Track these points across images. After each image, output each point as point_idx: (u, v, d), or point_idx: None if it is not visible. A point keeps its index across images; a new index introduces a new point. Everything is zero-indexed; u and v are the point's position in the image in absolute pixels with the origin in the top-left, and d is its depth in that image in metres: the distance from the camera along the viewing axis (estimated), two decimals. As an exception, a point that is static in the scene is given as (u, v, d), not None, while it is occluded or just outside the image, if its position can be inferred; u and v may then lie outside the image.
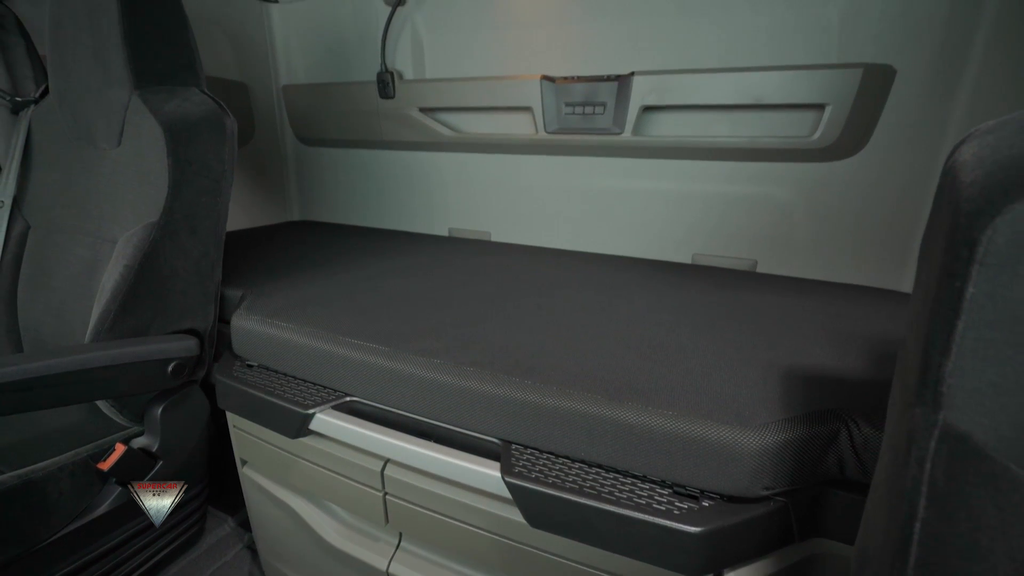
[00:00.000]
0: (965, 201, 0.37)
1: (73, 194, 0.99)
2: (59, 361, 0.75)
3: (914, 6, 1.01)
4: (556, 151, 1.42)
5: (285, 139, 1.89)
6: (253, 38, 1.71)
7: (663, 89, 1.21)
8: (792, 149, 1.16)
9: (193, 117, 0.91)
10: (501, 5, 1.39)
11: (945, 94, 1.03)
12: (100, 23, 0.89)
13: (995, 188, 0.35)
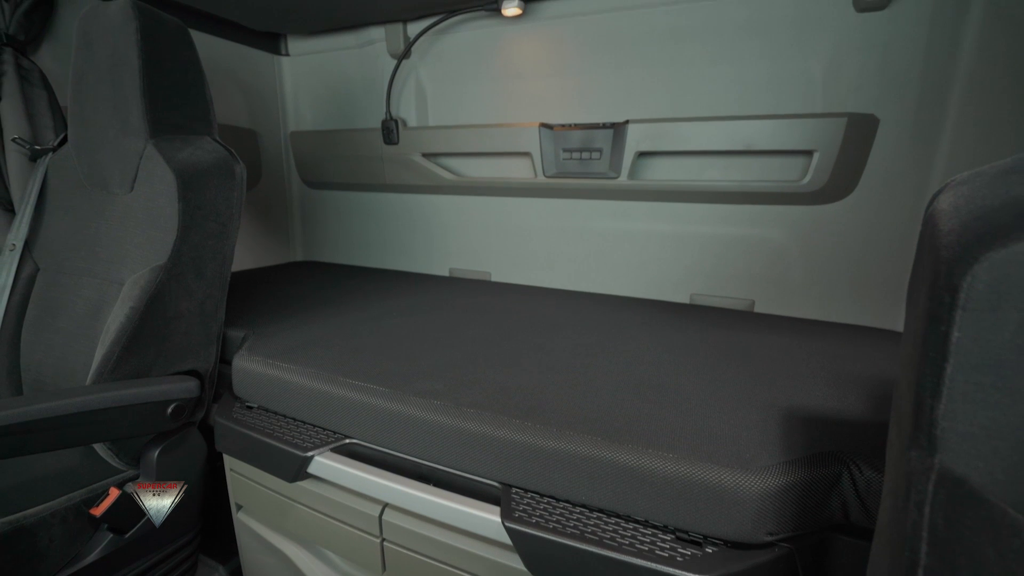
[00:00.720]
0: (944, 249, 0.38)
1: (83, 237, 1.01)
2: (60, 403, 0.75)
3: (891, 62, 1.07)
4: (555, 194, 1.47)
5: (291, 182, 1.94)
6: (264, 88, 1.80)
7: (657, 136, 1.26)
8: (784, 193, 1.20)
9: (204, 164, 0.94)
10: (501, 58, 1.46)
11: (927, 142, 1.08)
12: (122, 77, 0.94)
13: (971, 237, 0.37)
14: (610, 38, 1.31)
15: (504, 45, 1.45)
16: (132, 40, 0.91)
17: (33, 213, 1.06)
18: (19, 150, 1.09)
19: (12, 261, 1.03)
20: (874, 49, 1.07)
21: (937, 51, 1.03)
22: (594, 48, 1.34)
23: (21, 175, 1.10)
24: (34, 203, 1.06)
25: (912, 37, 1.04)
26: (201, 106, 1.02)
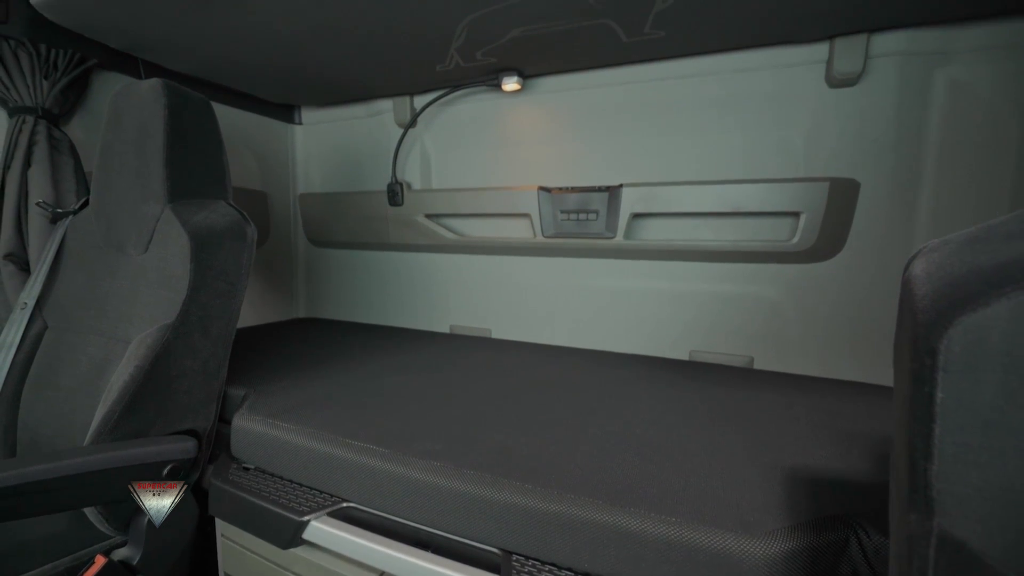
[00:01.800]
0: (921, 313, 0.41)
1: (94, 296, 1.04)
2: (56, 465, 0.74)
3: (866, 131, 1.14)
4: (553, 253, 1.51)
5: (297, 241, 2.00)
6: (277, 154, 1.89)
7: (650, 198, 1.32)
8: (775, 252, 1.24)
9: (218, 227, 0.99)
10: (501, 127, 1.56)
11: (908, 204, 1.13)
12: (146, 147, 1.00)
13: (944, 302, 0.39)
14: (603, 110, 1.41)
15: (504, 115, 1.54)
16: (160, 115, 0.98)
17: (48, 272, 1.09)
18: (42, 213, 1.14)
19: (22, 319, 1.05)
20: (849, 120, 1.15)
21: (907, 121, 1.11)
22: (588, 118, 1.43)
23: (41, 236, 1.14)
24: (50, 263, 1.09)
25: (883, 109, 1.12)
26: (218, 173, 1.08)
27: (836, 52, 1.12)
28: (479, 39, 1.15)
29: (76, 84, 1.26)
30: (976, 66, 1.05)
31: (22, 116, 1.15)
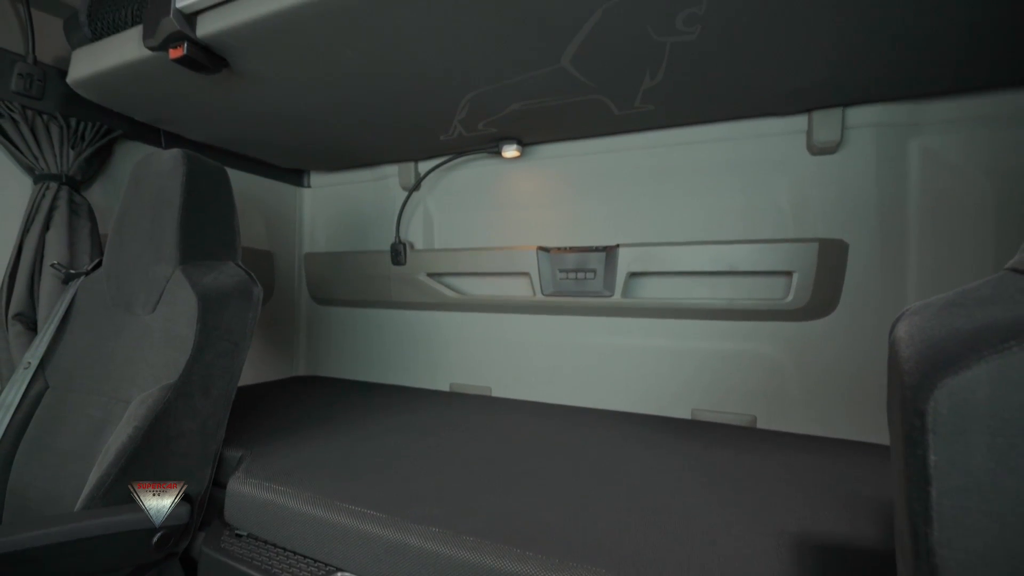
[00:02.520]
0: (907, 375, 0.42)
1: (98, 355, 1.05)
2: (46, 532, 0.72)
3: (849, 195, 1.20)
4: (553, 311, 1.53)
5: (300, 299, 2.03)
6: (285, 215, 1.96)
7: (646, 258, 1.36)
8: (771, 310, 1.26)
9: (226, 288, 1.01)
10: (501, 190, 1.63)
11: (896, 264, 1.17)
12: (162, 211, 1.05)
13: (927, 365, 0.40)
14: (598, 174, 1.48)
15: (504, 180, 1.62)
16: (178, 182, 1.03)
17: (55, 332, 1.10)
18: (55, 274, 1.17)
19: (24, 379, 1.05)
20: (832, 185, 1.21)
21: (888, 186, 1.16)
22: (585, 182, 1.50)
23: (52, 297, 1.17)
24: (57, 323, 1.11)
25: (863, 175, 1.18)
26: (229, 235, 1.12)
27: (814, 124, 1.19)
28: (481, 112, 1.23)
29: (100, 153, 1.34)
30: (946, 136, 1.12)
31: (47, 183, 1.21)
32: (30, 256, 1.17)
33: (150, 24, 0.94)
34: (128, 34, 1.04)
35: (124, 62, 1.04)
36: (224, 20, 0.89)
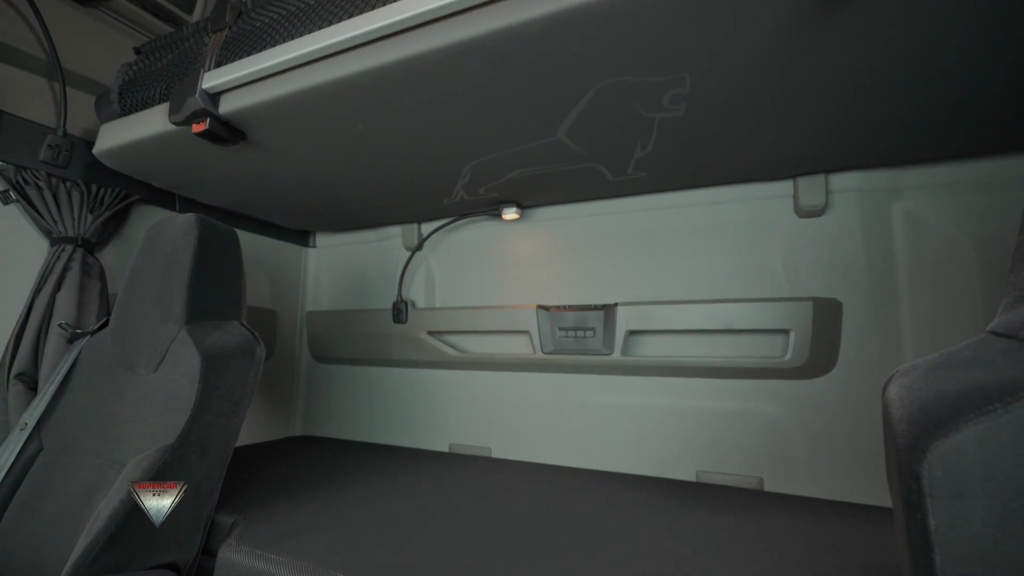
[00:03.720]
0: (900, 437, 0.43)
1: (96, 416, 1.04)
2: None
3: (839, 256, 1.24)
4: (553, 369, 1.53)
5: (301, 357, 2.03)
6: (289, 274, 2.01)
7: (644, 316, 1.38)
8: (770, 368, 1.27)
9: (229, 347, 1.03)
10: (502, 250, 1.68)
11: (890, 323, 1.19)
12: (172, 272, 1.08)
13: (918, 428, 0.41)
14: (596, 236, 1.53)
15: (505, 241, 1.67)
16: (190, 245, 1.07)
17: (54, 393, 1.10)
18: (61, 333, 1.19)
19: (19, 440, 1.04)
20: (822, 246, 1.26)
21: (875, 248, 1.21)
22: (583, 243, 1.55)
23: (55, 356, 1.18)
24: (58, 383, 1.11)
25: (851, 237, 1.23)
26: (235, 296, 1.15)
27: (800, 188, 1.26)
28: (482, 178, 1.30)
29: (116, 216, 1.39)
30: (926, 201, 1.18)
31: (63, 245, 1.25)
32: (39, 316, 1.19)
33: (176, 102, 1.02)
34: (155, 110, 1.12)
35: (149, 135, 1.11)
36: (245, 99, 0.96)
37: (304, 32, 0.89)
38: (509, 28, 0.71)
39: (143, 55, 1.23)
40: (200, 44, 1.10)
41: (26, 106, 1.22)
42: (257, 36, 0.98)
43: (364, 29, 0.78)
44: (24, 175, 1.21)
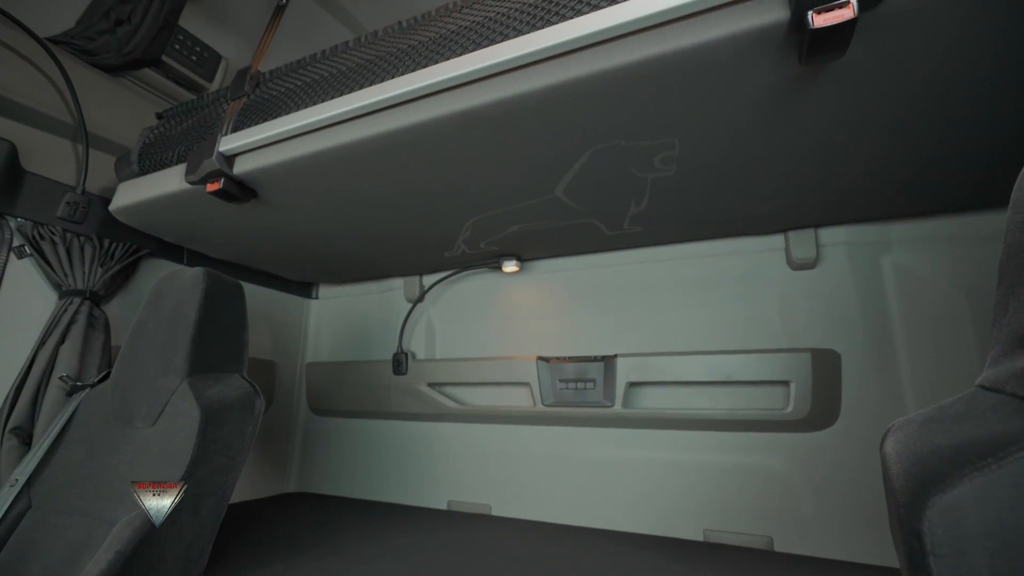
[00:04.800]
0: (899, 493, 0.43)
1: (89, 472, 1.02)
2: None
3: (833, 307, 1.26)
4: (554, 422, 1.51)
5: (298, 410, 2.00)
6: (291, 326, 2.02)
7: (644, 368, 1.39)
8: (773, 420, 1.26)
9: (229, 400, 1.02)
10: (502, 302, 1.70)
11: (889, 373, 1.19)
12: (177, 325, 1.09)
13: (915, 483, 0.42)
14: (594, 287, 1.56)
15: (505, 292, 1.70)
16: (197, 298, 1.09)
17: (48, 447, 1.09)
18: (61, 386, 1.19)
19: (8, 498, 1.02)
20: (817, 298, 1.28)
21: (868, 299, 1.23)
22: (582, 295, 1.58)
23: (53, 409, 1.17)
24: (53, 438, 1.10)
25: (843, 289, 1.25)
26: (238, 349, 1.16)
27: (791, 242, 1.29)
28: (483, 233, 1.34)
29: (125, 269, 1.43)
30: (914, 254, 1.21)
31: (71, 298, 1.27)
32: (40, 369, 1.19)
33: (193, 163, 1.08)
34: (171, 170, 1.17)
35: (164, 193, 1.16)
36: (259, 161, 1.02)
37: (317, 100, 0.96)
38: (509, 99, 0.76)
39: (164, 120, 1.30)
40: (219, 110, 1.18)
41: (49, 166, 1.28)
42: (273, 104, 1.05)
43: (375, 99, 0.84)
44: (41, 230, 1.25)
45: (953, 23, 0.60)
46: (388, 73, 0.88)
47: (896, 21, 0.59)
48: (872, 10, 0.57)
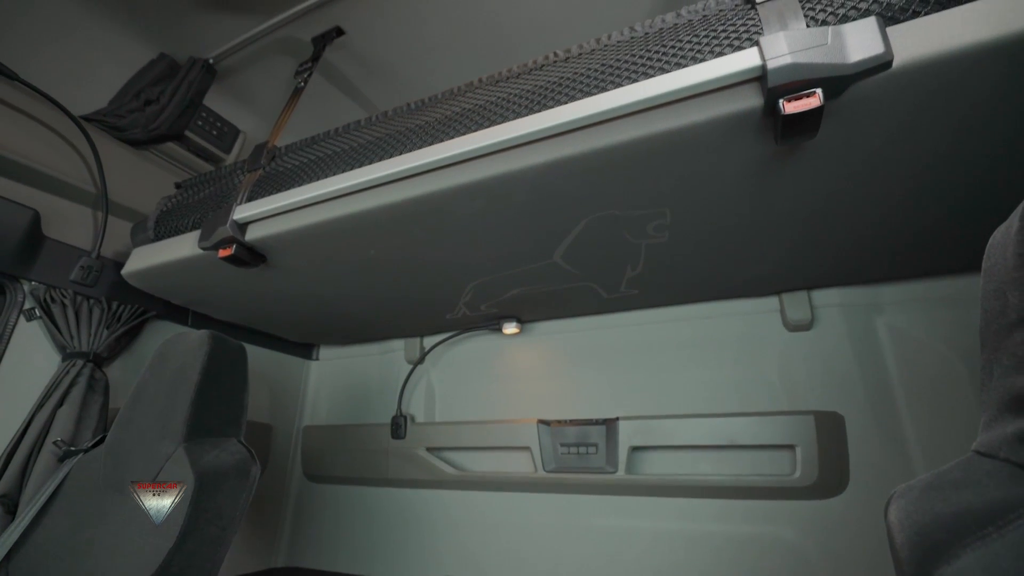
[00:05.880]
0: (905, 564, 0.43)
1: (72, 545, 0.98)
2: None
3: (831, 369, 1.26)
4: (556, 489, 1.47)
5: (292, 476, 1.94)
6: (289, 387, 2.00)
7: (646, 431, 1.37)
8: (782, 487, 1.22)
9: (225, 466, 1.01)
10: (502, 363, 1.70)
11: (895, 436, 1.17)
12: (178, 388, 1.09)
13: (918, 553, 0.42)
14: (594, 349, 1.57)
15: (505, 354, 1.70)
16: (200, 361, 1.10)
17: (33, 518, 1.05)
18: (54, 451, 1.17)
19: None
20: (815, 359, 1.28)
21: (866, 360, 1.24)
22: (582, 356, 1.58)
23: (43, 476, 1.14)
24: (38, 508, 1.06)
25: (840, 350, 1.26)
26: (237, 412, 1.15)
27: (785, 304, 1.32)
28: (483, 296, 1.37)
29: (130, 331, 1.44)
30: (907, 316, 1.23)
31: (74, 360, 1.28)
32: (35, 433, 1.18)
33: (208, 230, 1.12)
34: (185, 237, 1.22)
35: (176, 258, 1.21)
36: (270, 228, 1.06)
37: (330, 173, 1.02)
38: (508, 173, 0.82)
39: (183, 189, 1.37)
40: (235, 181, 1.25)
41: (68, 231, 1.33)
42: (287, 175, 1.11)
43: (384, 172, 0.90)
44: (52, 293, 1.29)
45: (909, 110, 0.66)
46: (396, 149, 0.95)
47: (859, 107, 0.65)
48: (836, 99, 0.63)
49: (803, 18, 0.66)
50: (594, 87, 0.78)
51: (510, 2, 1.36)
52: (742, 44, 0.69)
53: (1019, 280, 0.43)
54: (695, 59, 0.72)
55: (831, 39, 0.61)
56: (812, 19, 0.67)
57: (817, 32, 0.63)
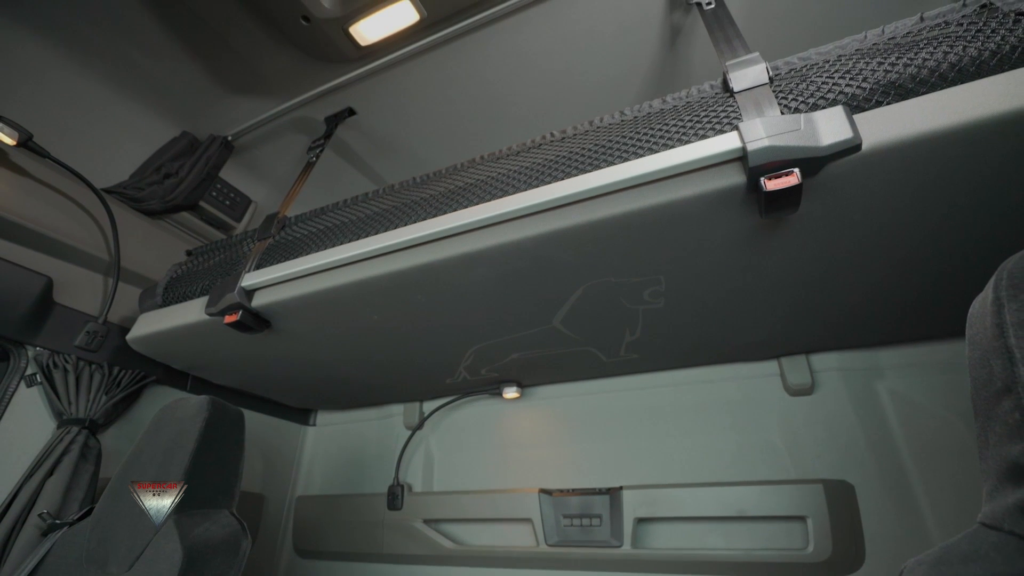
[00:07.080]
0: (920, 646, 0.41)
1: (46, 629, 0.93)
2: None
3: (836, 435, 1.24)
4: (558, 565, 1.40)
5: (282, 551, 1.85)
6: (284, 455, 1.95)
7: (651, 501, 1.32)
8: (795, 563, 1.16)
9: (215, 540, 0.97)
10: (502, 430, 1.67)
11: (909, 505, 1.13)
12: (174, 455, 1.07)
13: (931, 634, 0.40)
14: (595, 414, 1.55)
15: (505, 419, 1.68)
16: (197, 427, 1.09)
17: (8, 598, 1.00)
18: (38, 524, 1.13)
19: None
20: (818, 424, 1.27)
21: (870, 426, 1.22)
22: (583, 421, 1.56)
23: (23, 552, 1.10)
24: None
25: (843, 415, 1.25)
26: (231, 481, 1.12)
27: (784, 368, 1.32)
28: (484, 361, 1.38)
29: (128, 397, 1.43)
30: (907, 380, 1.23)
31: (68, 427, 1.26)
32: (21, 504, 1.14)
33: (215, 296, 1.15)
34: (192, 303, 1.25)
35: (182, 324, 1.22)
36: (277, 295, 1.09)
37: (336, 242, 1.06)
38: (508, 243, 0.86)
39: (193, 256, 1.42)
40: (244, 249, 1.29)
41: (78, 298, 1.36)
42: (295, 244, 1.16)
43: (389, 242, 0.94)
44: (55, 359, 1.29)
45: (882, 186, 0.71)
46: (401, 220, 0.99)
47: (835, 183, 0.70)
48: (814, 177, 0.68)
49: (777, 106, 0.73)
50: (588, 165, 0.83)
51: (510, 86, 1.47)
52: (723, 128, 0.75)
53: (1000, 349, 0.45)
54: (681, 140, 0.78)
55: (804, 125, 0.67)
56: (786, 107, 0.73)
57: (791, 118, 0.68)
